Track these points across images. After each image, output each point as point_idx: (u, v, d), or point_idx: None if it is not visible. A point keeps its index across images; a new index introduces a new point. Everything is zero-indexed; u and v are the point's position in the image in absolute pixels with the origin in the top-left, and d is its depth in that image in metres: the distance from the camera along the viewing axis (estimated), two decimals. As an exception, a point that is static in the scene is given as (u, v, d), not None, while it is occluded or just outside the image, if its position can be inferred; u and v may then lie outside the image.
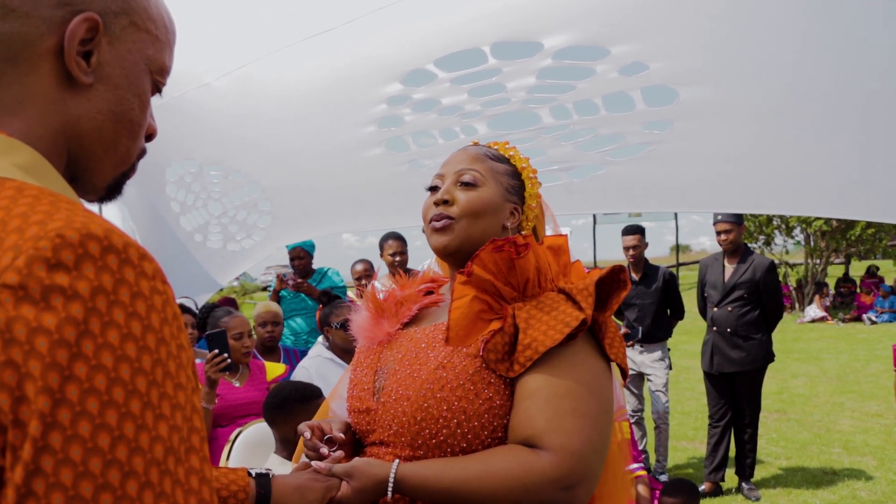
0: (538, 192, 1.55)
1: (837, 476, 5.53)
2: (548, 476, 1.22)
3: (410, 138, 4.27)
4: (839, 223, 17.93)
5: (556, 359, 1.29)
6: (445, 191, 1.47)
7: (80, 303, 0.59)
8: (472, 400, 1.31)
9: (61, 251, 0.60)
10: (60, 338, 0.58)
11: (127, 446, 0.59)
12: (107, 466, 0.57)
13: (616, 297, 1.37)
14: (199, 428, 0.66)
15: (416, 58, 3.61)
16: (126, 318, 0.61)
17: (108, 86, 0.81)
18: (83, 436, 0.57)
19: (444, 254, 1.49)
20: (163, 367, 0.63)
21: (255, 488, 1.31)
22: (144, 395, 0.61)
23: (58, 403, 0.57)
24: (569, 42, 3.33)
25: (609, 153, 3.91)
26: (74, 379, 0.58)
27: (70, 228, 0.61)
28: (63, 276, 0.59)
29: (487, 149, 1.54)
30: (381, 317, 1.56)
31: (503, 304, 1.36)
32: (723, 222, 5.17)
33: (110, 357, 0.59)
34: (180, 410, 0.64)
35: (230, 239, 5.26)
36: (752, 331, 5.11)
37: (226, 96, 4.01)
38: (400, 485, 1.28)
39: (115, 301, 0.61)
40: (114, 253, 0.62)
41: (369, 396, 1.44)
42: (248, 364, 3.74)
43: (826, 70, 3.26)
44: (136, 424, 0.60)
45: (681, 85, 3.38)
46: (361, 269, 5.41)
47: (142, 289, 0.63)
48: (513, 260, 1.34)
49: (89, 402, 0.58)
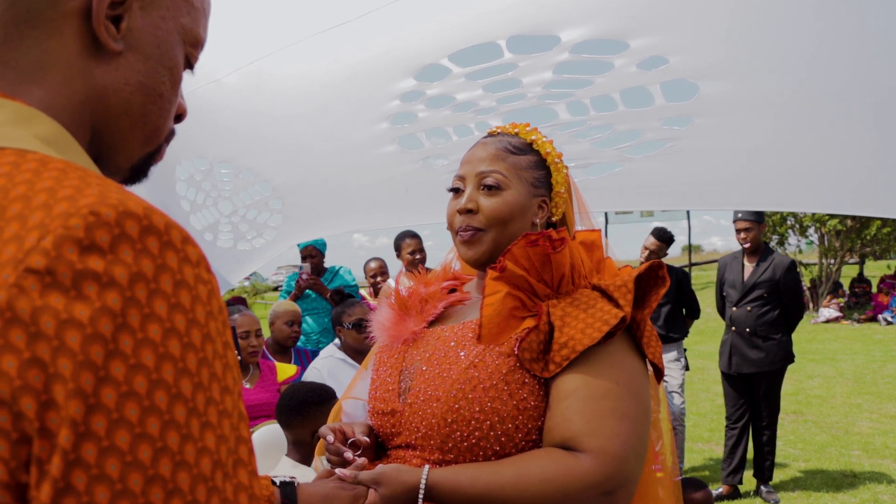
0: (565, 176, 1.47)
1: (858, 479, 5.43)
2: (588, 480, 1.17)
3: (424, 135, 4.20)
4: (854, 223, 17.77)
5: (593, 358, 1.23)
6: (469, 198, 1.40)
7: (117, 291, 0.51)
8: (505, 401, 1.25)
9: (95, 231, 0.51)
10: (94, 332, 0.50)
11: (171, 460, 0.51)
12: (148, 483, 0.50)
13: (655, 295, 1.30)
14: (247, 438, 0.58)
15: (430, 52, 3.54)
16: (168, 311, 0.53)
17: (138, 55, 0.72)
18: (121, 448, 0.49)
19: (475, 265, 1.43)
20: (209, 367, 0.55)
21: (280, 498, 1.24)
22: (190, 401, 0.53)
23: (92, 409, 0.49)
24: (587, 35, 3.26)
25: (626, 150, 3.84)
26: (111, 381, 0.50)
27: (105, 205, 0.53)
28: (97, 261, 0.51)
29: (508, 139, 1.45)
30: (405, 314, 1.49)
31: (536, 301, 1.30)
32: (743, 220, 5.08)
33: (151, 355, 0.51)
34: (228, 418, 0.56)
35: (241, 238, 5.20)
36: (771, 331, 5.02)
37: (237, 93, 3.95)
38: (431, 491, 1.22)
39: (156, 290, 0.53)
40: (154, 234, 0.54)
41: (394, 397, 1.37)
42: (259, 365, 3.68)
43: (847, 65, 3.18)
44: (180, 434, 0.52)
45: (702, 79, 3.30)
46: (376, 267, 5.35)
47: (185, 277, 0.55)
48: (548, 255, 1.28)
49: (128, 407, 0.50)
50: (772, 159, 3.60)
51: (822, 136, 3.41)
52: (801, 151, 3.50)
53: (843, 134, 3.36)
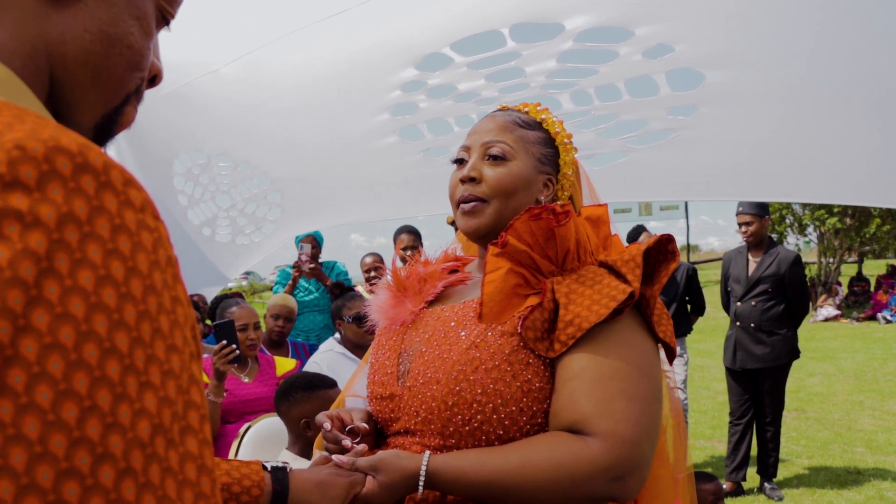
0: (574, 159, 1.41)
1: (862, 476, 5.38)
2: (597, 465, 1.10)
3: (425, 126, 4.15)
4: (853, 221, 17.73)
5: (601, 336, 1.16)
6: (472, 166, 1.33)
7: (42, 232, 0.44)
8: (508, 382, 1.18)
9: (20, 166, 0.45)
10: (14, 276, 0.43)
11: (101, 421, 0.44)
12: (73, 446, 0.43)
13: (664, 270, 1.24)
14: (199, 403, 0.51)
15: (432, 41, 3.48)
16: (104, 257, 0.46)
17: (100, 1, 0.66)
18: (42, 406, 0.42)
19: (475, 237, 1.36)
20: (151, 322, 0.47)
21: (272, 484, 1.18)
22: (126, 357, 0.45)
23: (8, 362, 0.42)
24: (591, 23, 3.20)
25: (631, 140, 3.78)
26: (32, 331, 0.43)
27: (34, 139, 0.46)
28: (21, 198, 0.44)
29: (517, 114, 1.39)
30: (403, 295, 1.42)
31: (540, 278, 1.24)
32: (744, 213, 5.01)
33: (81, 304, 0.44)
34: (174, 379, 0.48)
35: (239, 232, 5.15)
36: (776, 326, 4.96)
37: (234, 84, 3.89)
38: (432, 478, 1.15)
39: (89, 234, 0.45)
40: (90, 173, 0.47)
41: (393, 381, 1.31)
42: (258, 358, 3.62)
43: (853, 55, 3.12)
44: (113, 393, 0.44)
45: (708, 67, 3.24)
46: (371, 262, 5.29)
47: (126, 221, 0.48)
48: (552, 229, 1.21)
49: (51, 361, 0.43)
50: (778, 149, 3.54)
51: (828, 126, 3.36)
52: (808, 141, 3.44)
53: (849, 123, 3.30)
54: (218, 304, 3.84)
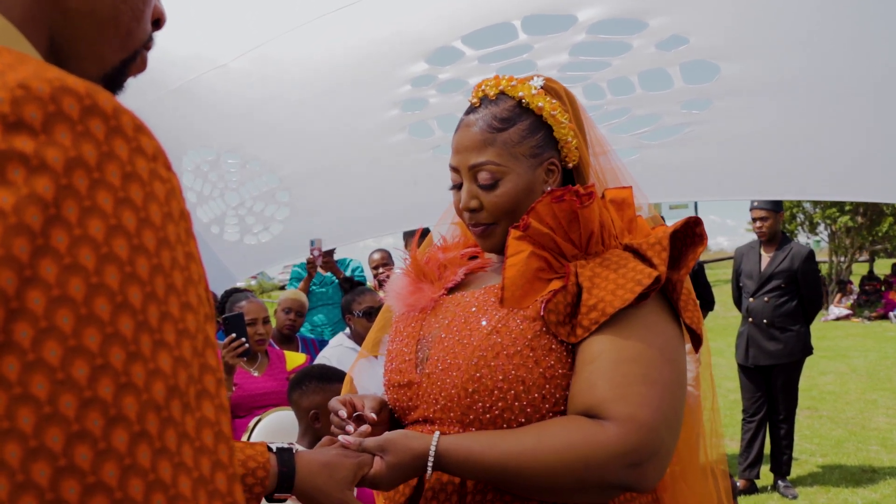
0: (569, 122, 1.28)
1: (877, 474, 5.32)
2: (612, 450, 1.06)
3: (435, 122, 4.12)
4: (864, 219, 17.62)
5: (624, 321, 1.12)
6: (468, 195, 1.27)
7: (49, 177, 0.41)
8: (531, 368, 1.14)
9: (24, 106, 0.42)
10: (19, 222, 0.40)
11: (114, 381, 0.41)
12: (84, 407, 0.40)
13: (692, 254, 1.19)
14: (215, 367, 0.47)
15: (443, 34, 3.45)
16: (115, 206, 0.43)
17: None
18: (51, 363, 0.39)
19: (496, 253, 1.32)
20: (165, 276, 0.44)
21: (278, 465, 1.14)
22: (139, 312, 0.42)
23: (14, 315, 0.39)
24: (604, 14, 3.16)
25: (643, 136, 3.74)
26: (39, 282, 0.40)
27: (38, 79, 0.43)
28: (26, 140, 0.41)
29: (492, 110, 1.26)
30: (422, 281, 1.38)
31: (563, 261, 1.19)
32: (759, 209, 4.97)
33: (92, 255, 0.41)
34: (189, 339, 0.45)
35: (247, 231, 5.12)
36: (789, 322, 4.91)
37: (242, 78, 3.87)
38: (442, 459, 1.11)
39: (99, 180, 0.42)
40: (99, 116, 0.44)
41: (411, 368, 1.27)
42: (268, 353, 3.59)
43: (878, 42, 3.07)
44: (126, 351, 0.41)
45: (723, 59, 3.20)
46: (379, 258, 5.27)
47: (137, 169, 0.45)
48: (575, 211, 1.17)
49: (59, 315, 0.40)
50: (794, 144, 3.49)
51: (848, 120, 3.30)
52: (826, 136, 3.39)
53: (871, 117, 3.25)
54: (227, 299, 3.82)
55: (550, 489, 1.11)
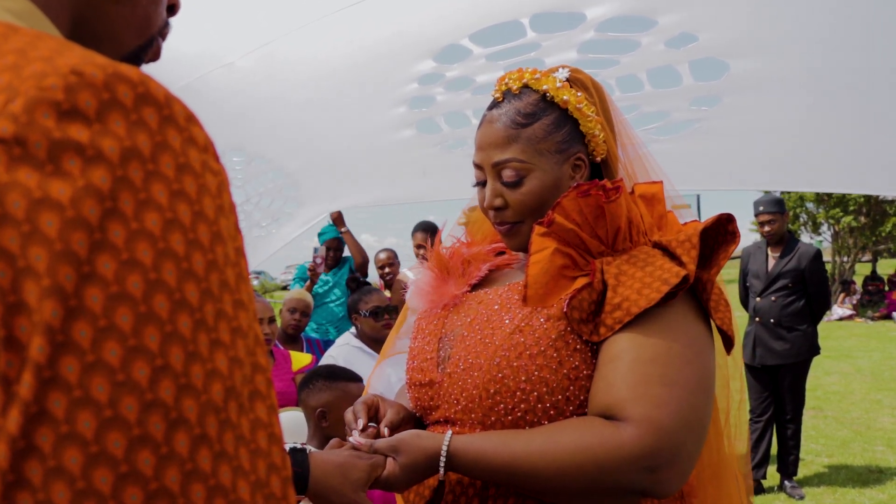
0: (597, 115, 1.25)
1: (884, 474, 5.30)
2: (627, 453, 1.01)
3: (442, 119, 4.11)
4: (868, 219, 17.58)
5: (648, 320, 1.08)
6: (493, 194, 1.23)
7: (105, 168, 0.39)
8: (554, 369, 1.11)
9: (79, 93, 0.39)
10: (77, 216, 0.38)
11: (174, 382, 0.39)
12: (146, 410, 0.38)
13: (724, 252, 1.15)
14: (265, 367, 0.46)
15: (450, 32, 3.43)
16: (170, 198, 0.41)
17: None
18: (110, 364, 0.37)
19: (523, 251, 1.28)
20: (219, 273, 0.42)
21: (292, 466, 1.13)
22: (197, 310, 0.41)
23: (73, 313, 0.37)
24: (613, 12, 3.14)
25: (652, 132, 3.72)
26: (97, 279, 0.38)
27: (91, 64, 0.41)
28: (81, 129, 0.39)
29: (516, 106, 1.23)
30: (445, 277, 1.34)
31: (589, 258, 1.15)
32: (765, 213, 4.97)
33: (149, 250, 0.39)
34: (243, 338, 0.43)
35: (255, 225, 5.12)
36: (796, 322, 4.89)
37: (249, 77, 3.85)
38: (454, 459, 1.09)
39: (154, 172, 0.40)
40: (153, 105, 0.42)
41: (433, 367, 1.24)
42: (273, 353, 3.58)
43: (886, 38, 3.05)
44: (185, 351, 0.40)
45: (732, 57, 3.18)
46: (385, 258, 5.26)
47: (190, 160, 0.43)
48: (601, 206, 1.12)
49: (119, 313, 0.38)
50: (804, 138, 3.48)
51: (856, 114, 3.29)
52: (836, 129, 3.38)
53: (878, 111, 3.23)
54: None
55: (564, 491, 1.08)
